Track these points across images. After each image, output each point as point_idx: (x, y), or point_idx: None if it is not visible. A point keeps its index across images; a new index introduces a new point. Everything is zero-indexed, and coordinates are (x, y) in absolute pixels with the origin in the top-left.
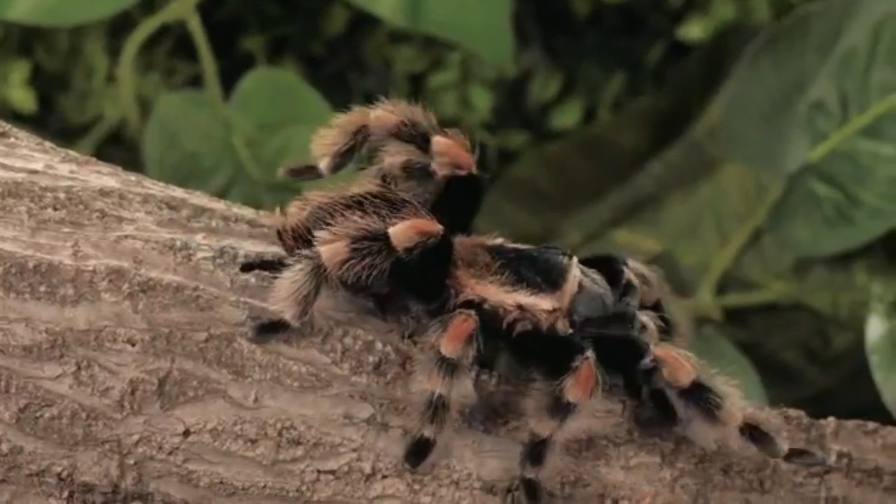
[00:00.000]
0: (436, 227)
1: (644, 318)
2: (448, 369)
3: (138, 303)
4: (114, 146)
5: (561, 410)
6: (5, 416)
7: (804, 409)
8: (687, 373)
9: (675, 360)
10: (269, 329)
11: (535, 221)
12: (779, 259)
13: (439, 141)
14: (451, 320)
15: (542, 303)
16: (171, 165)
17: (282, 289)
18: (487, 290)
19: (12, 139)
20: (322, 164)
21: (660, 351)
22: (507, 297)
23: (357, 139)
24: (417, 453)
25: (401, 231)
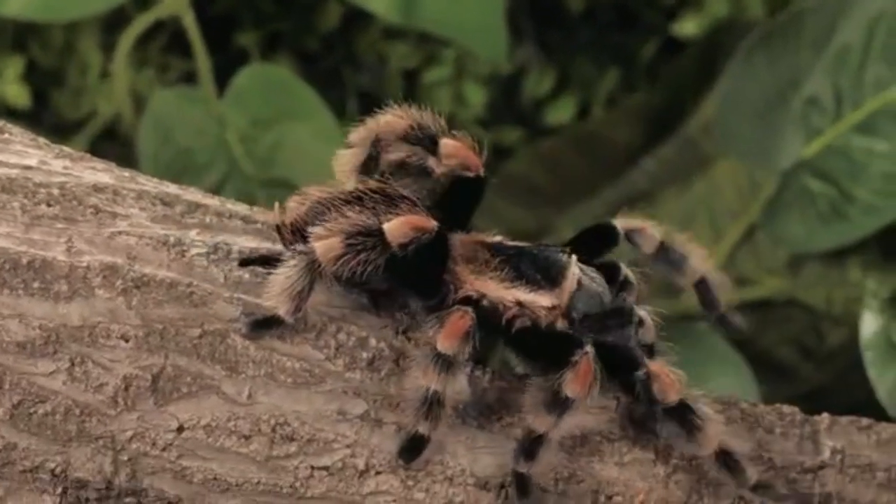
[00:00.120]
0: (430, 224)
1: (642, 312)
2: (444, 365)
3: (132, 299)
4: (108, 142)
5: (559, 406)
6: None
7: (798, 405)
8: (676, 391)
9: (666, 377)
10: (263, 325)
11: (529, 217)
12: (773, 255)
13: (447, 143)
14: (448, 316)
15: (541, 300)
16: (165, 161)
17: (276, 285)
18: (487, 287)
19: (6, 135)
20: (348, 188)
21: (654, 366)
22: (507, 294)
23: (373, 151)
24: (411, 449)
25: (395, 227)
